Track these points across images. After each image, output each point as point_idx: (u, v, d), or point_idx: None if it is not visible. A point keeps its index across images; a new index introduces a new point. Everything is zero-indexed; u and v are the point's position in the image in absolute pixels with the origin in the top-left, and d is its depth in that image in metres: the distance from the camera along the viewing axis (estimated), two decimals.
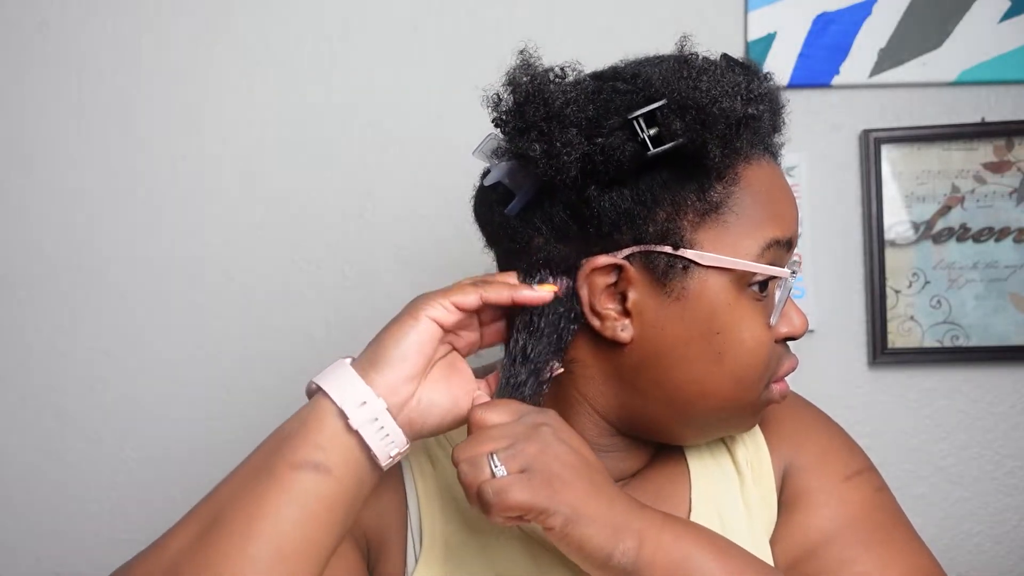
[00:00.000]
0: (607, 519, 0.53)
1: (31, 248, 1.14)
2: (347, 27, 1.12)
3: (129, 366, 1.14)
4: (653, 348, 0.60)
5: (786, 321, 0.63)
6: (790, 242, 0.62)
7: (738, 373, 0.60)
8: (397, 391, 0.56)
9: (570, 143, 0.57)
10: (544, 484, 0.52)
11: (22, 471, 1.15)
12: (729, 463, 0.69)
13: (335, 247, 1.12)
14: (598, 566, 0.53)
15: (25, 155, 1.14)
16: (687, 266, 0.59)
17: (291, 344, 1.13)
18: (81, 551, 1.14)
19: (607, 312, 0.60)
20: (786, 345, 0.65)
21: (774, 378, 0.63)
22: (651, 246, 0.59)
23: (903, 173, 1.07)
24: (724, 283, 0.59)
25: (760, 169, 0.61)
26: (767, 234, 0.60)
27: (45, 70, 1.14)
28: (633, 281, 0.60)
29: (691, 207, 0.59)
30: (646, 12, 1.08)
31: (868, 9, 1.06)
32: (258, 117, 1.13)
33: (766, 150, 0.63)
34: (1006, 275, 1.06)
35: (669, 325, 0.60)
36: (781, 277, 0.60)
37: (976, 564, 1.08)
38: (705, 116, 0.56)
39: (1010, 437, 1.08)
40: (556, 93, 0.58)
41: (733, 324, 0.59)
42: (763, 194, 0.60)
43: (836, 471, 0.67)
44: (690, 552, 0.54)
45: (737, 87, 0.58)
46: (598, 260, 0.59)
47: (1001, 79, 1.06)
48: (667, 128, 0.56)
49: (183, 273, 1.13)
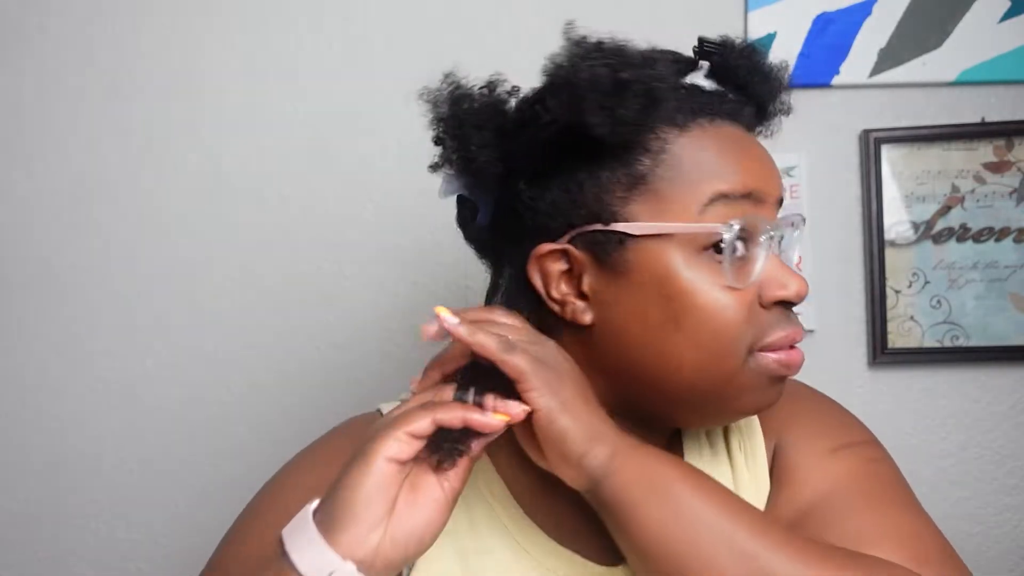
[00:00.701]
0: (589, 423, 0.56)
1: (31, 248, 1.14)
2: (348, 28, 1.12)
3: (129, 366, 1.14)
4: (614, 327, 0.61)
5: (775, 283, 0.60)
6: (752, 195, 0.60)
7: (700, 339, 0.58)
8: (364, 543, 0.53)
9: (485, 144, 0.60)
10: (549, 371, 0.56)
11: (22, 471, 1.15)
12: (723, 448, 0.69)
13: (335, 247, 1.12)
14: (572, 464, 0.56)
15: (25, 155, 1.14)
16: (623, 240, 0.59)
17: (291, 344, 1.13)
18: (81, 551, 1.14)
19: (565, 297, 0.62)
20: (785, 312, 0.61)
21: (759, 346, 0.60)
22: (584, 227, 0.60)
23: (903, 173, 1.07)
24: (666, 249, 0.59)
25: (704, 133, 0.60)
26: (707, 191, 0.58)
27: (45, 70, 1.14)
28: (582, 263, 0.61)
29: (616, 183, 0.60)
30: (645, 12, 1.08)
31: (868, 9, 1.06)
32: (259, 117, 1.13)
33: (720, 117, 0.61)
34: (1006, 275, 1.06)
35: (623, 300, 0.60)
36: (718, 232, 0.58)
37: (976, 564, 1.08)
38: (572, 89, 0.58)
39: (1010, 437, 1.08)
40: (469, 101, 0.62)
41: (686, 290, 0.58)
42: (706, 156, 0.59)
43: (823, 445, 0.66)
44: (661, 470, 0.56)
45: (607, 57, 0.59)
46: (541, 248, 0.61)
47: (1001, 79, 1.06)
48: (547, 110, 0.59)
49: (183, 273, 1.13)
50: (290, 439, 1.11)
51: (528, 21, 1.10)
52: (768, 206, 0.61)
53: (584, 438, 0.55)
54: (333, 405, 1.11)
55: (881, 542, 0.58)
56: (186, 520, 1.12)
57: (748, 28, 1.07)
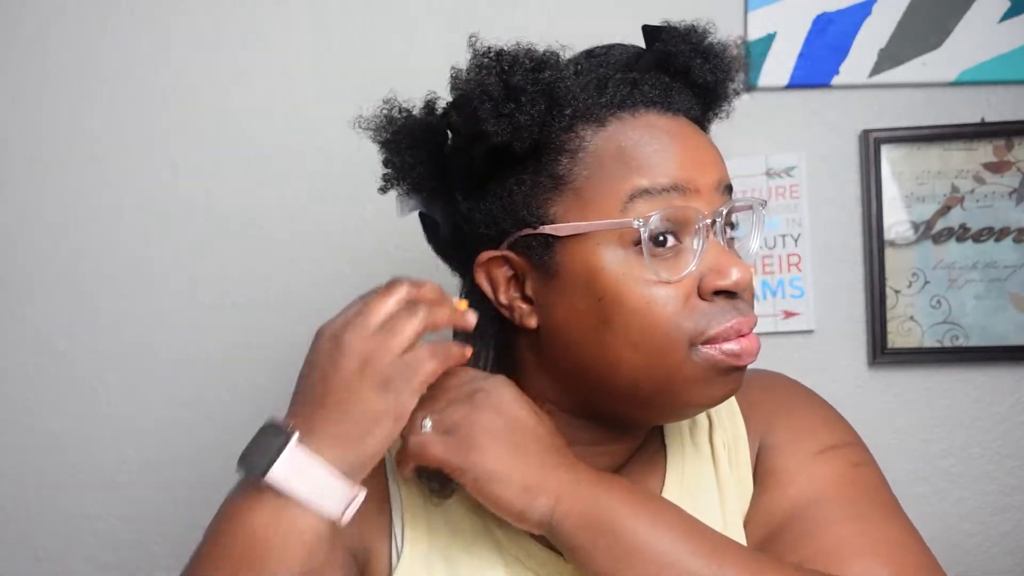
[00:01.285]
0: (520, 479, 0.56)
1: (31, 248, 1.14)
2: (347, 27, 1.12)
3: (129, 366, 1.14)
4: (556, 328, 0.61)
5: (714, 273, 0.58)
6: (677, 188, 0.58)
7: (633, 337, 0.57)
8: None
9: (421, 162, 0.64)
10: (461, 446, 0.56)
11: (22, 471, 1.15)
12: (706, 445, 0.69)
13: (335, 247, 1.12)
14: (516, 519, 0.56)
15: (25, 155, 1.14)
16: (550, 242, 0.60)
17: (291, 344, 1.13)
18: (81, 551, 1.14)
19: (512, 302, 0.63)
20: (730, 302, 0.59)
21: (702, 339, 0.58)
22: (516, 232, 0.61)
23: (903, 173, 1.07)
24: (593, 248, 0.58)
25: (623, 127, 0.59)
26: (627, 187, 0.58)
27: (45, 70, 1.14)
28: (522, 269, 0.62)
29: (539, 186, 0.60)
30: (645, 12, 1.07)
31: (868, 9, 1.06)
32: (259, 117, 1.13)
33: (646, 106, 0.60)
34: (1006, 275, 1.06)
35: (559, 303, 0.60)
36: (633, 227, 0.57)
37: (976, 564, 1.08)
38: (464, 100, 0.59)
39: (1010, 437, 1.08)
40: (400, 121, 0.65)
41: (613, 288, 0.58)
42: (626, 150, 0.59)
43: (808, 447, 0.65)
44: (609, 506, 0.55)
45: (499, 63, 0.59)
46: (482, 256, 0.63)
47: (1001, 79, 1.06)
48: (450, 125, 0.62)
49: (184, 273, 1.13)
50: None
51: (527, 23, 1.10)
52: (703, 195, 0.59)
53: (518, 494, 0.55)
54: None
55: (863, 554, 0.58)
56: (186, 520, 1.12)
57: (748, 28, 1.07)
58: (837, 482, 0.63)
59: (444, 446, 0.57)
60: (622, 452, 0.67)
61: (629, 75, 0.62)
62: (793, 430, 0.67)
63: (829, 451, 0.65)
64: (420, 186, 0.65)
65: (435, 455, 0.57)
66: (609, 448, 0.66)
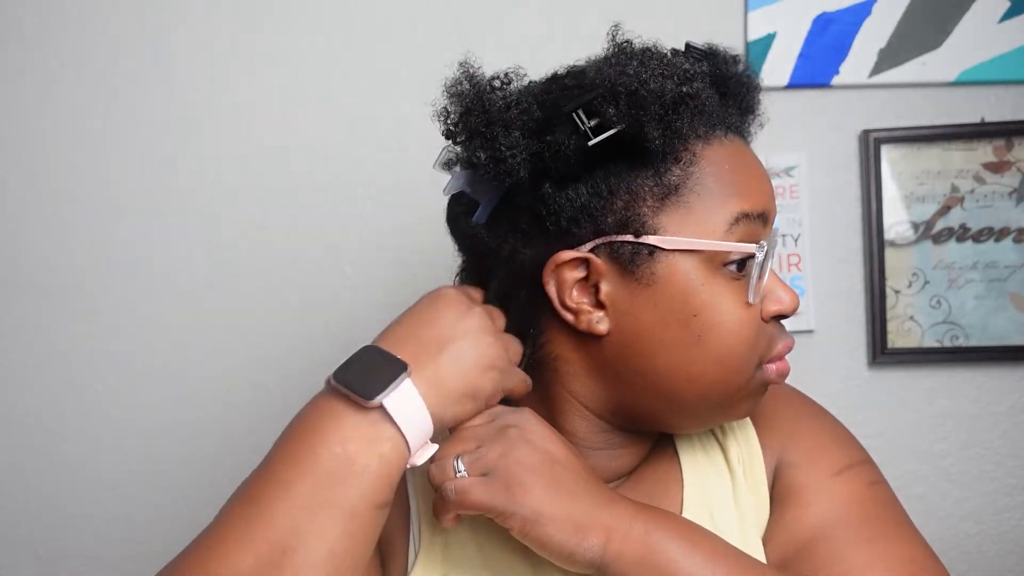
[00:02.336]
0: (568, 517, 0.54)
1: (30, 248, 1.14)
2: (348, 28, 1.12)
3: (129, 366, 1.14)
4: (631, 337, 0.60)
5: (773, 299, 0.61)
6: (764, 216, 0.61)
7: (721, 355, 0.59)
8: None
9: (515, 145, 0.58)
10: (503, 487, 0.55)
11: (22, 470, 1.15)
12: (722, 461, 0.68)
13: (335, 247, 1.12)
14: (565, 561, 0.55)
15: (25, 155, 1.14)
16: (652, 252, 0.59)
17: (291, 344, 1.13)
18: (81, 551, 1.14)
19: (580, 306, 0.61)
20: (779, 324, 0.63)
21: (767, 359, 0.62)
22: (613, 236, 0.59)
23: (903, 173, 1.07)
24: (694, 264, 0.59)
25: (722, 147, 0.61)
26: (733, 209, 0.59)
27: (45, 70, 1.14)
28: (602, 272, 0.60)
29: (649, 192, 0.59)
30: (645, 12, 1.08)
31: (868, 9, 1.06)
32: (258, 117, 1.13)
33: (729, 130, 0.62)
34: (1006, 275, 1.06)
35: (643, 312, 0.59)
36: (750, 253, 0.59)
37: (976, 564, 1.08)
38: (637, 99, 0.57)
39: (1010, 437, 1.08)
40: (496, 98, 0.60)
41: (709, 305, 0.59)
42: (726, 171, 0.60)
43: (826, 466, 0.66)
44: (662, 542, 0.55)
45: (669, 68, 0.58)
46: (561, 256, 0.60)
47: (1001, 79, 1.06)
48: (603, 116, 0.57)
49: (183, 273, 1.13)
50: None
51: (532, 20, 1.10)
52: (771, 224, 0.62)
53: (568, 534, 0.54)
54: None
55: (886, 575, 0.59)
56: (186, 520, 1.12)
57: (748, 28, 1.07)
58: (856, 502, 0.64)
59: (486, 489, 0.55)
60: (633, 456, 0.68)
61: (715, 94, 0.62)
62: (810, 448, 0.67)
63: (847, 471, 0.66)
64: (501, 169, 0.59)
65: (478, 501, 0.55)
66: (622, 452, 0.67)
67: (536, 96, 0.61)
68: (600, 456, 0.65)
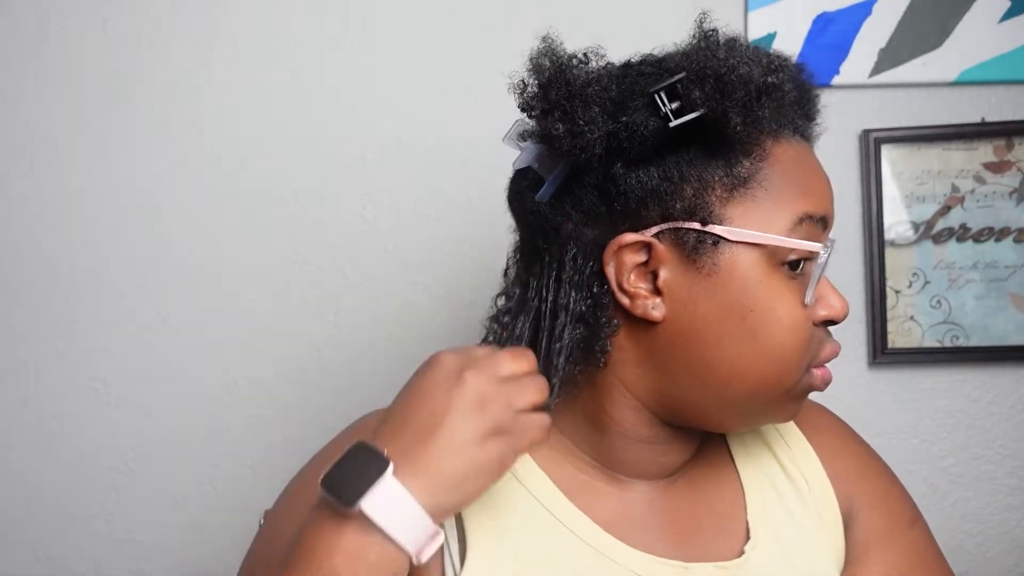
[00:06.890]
0: None
1: (31, 248, 1.14)
2: (348, 27, 1.12)
3: (129, 366, 1.14)
4: (686, 326, 0.60)
5: (825, 304, 0.61)
6: (824, 220, 0.61)
7: (774, 353, 0.59)
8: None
9: (593, 121, 0.58)
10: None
11: (22, 470, 1.15)
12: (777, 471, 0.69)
13: (335, 247, 1.12)
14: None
15: (25, 155, 1.14)
16: (717, 242, 0.58)
17: (291, 344, 1.13)
18: (81, 551, 1.14)
19: (637, 290, 0.60)
20: (827, 330, 0.63)
21: (814, 363, 0.62)
22: (679, 222, 0.59)
23: (903, 173, 1.07)
24: (756, 259, 0.59)
25: (790, 147, 0.61)
26: (798, 209, 0.59)
27: (45, 70, 1.14)
28: (663, 259, 0.59)
29: (719, 182, 0.59)
30: (645, 11, 1.08)
31: (868, 9, 1.06)
32: (258, 117, 1.13)
33: (796, 131, 0.62)
34: (1006, 275, 1.06)
35: (701, 302, 0.59)
36: (815, 252, 0.59)
37: (977, 564, 1.08)
38: (723, 84, 0.57)
39: (1010, 437, 1.08)
40: (579, 74, 0.60)
41: (767, 301, 0.59)
42: (794, 171, 0.60)
43: (901, 515, 0.68)
44: None
45: (756, 56, 0.58)
46: (625, 238, 0.59)
47: (1001, 79, 1.06)
48: (687, 99, 0.57)
49: (183, 273, 1.13)
50: (290, 439, 1.12)
51: (532, 20, 1.09)
52: (830, 230, 0.63)
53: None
54: (333, 405, 1.11)
55: None
56: (186, 520, 1.12)
57: (748, 28, 1.07)
58: (925, 556, 0.68)
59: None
60: (680, 453, 0.66)
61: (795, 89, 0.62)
62: (883, 493, 0.70)
63: (918, 521, 0.69)
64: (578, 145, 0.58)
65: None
66: (668, 448, 0.65)
67: (613, 77, 0.60)
68: (648, 450, 0.64)
